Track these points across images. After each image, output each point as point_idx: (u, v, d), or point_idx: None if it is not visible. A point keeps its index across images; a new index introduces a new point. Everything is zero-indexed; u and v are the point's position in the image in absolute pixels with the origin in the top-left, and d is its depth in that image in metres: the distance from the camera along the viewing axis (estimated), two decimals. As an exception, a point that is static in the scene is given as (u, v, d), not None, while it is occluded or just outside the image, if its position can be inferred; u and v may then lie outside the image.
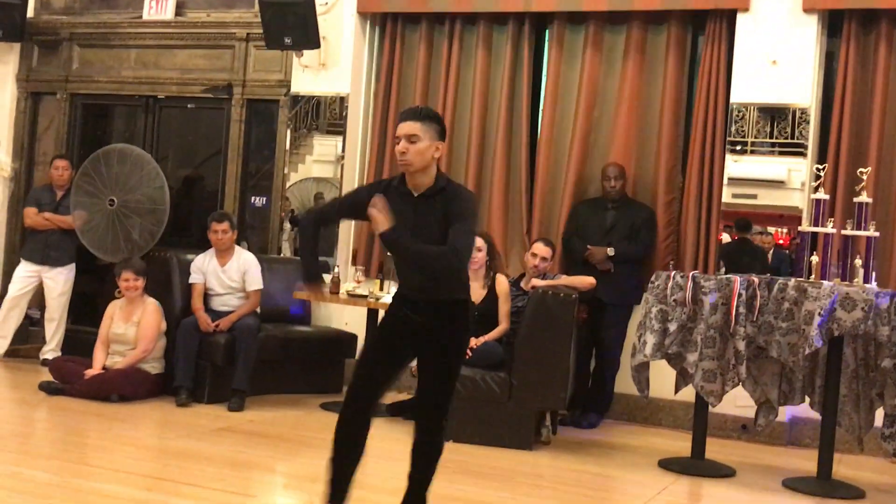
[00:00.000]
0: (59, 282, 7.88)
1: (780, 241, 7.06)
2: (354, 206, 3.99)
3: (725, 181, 6.88)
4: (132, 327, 6.81)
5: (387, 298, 6.73)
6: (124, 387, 6.62)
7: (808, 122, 6.73)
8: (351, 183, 7.79)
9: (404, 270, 4.00)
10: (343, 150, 7.86)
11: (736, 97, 6.85)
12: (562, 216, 7.21)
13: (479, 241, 6.35)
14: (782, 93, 6.75)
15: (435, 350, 3.94)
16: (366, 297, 6.81)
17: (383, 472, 4.99)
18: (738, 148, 6.87)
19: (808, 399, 5.82)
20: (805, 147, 6.74)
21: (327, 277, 7.29)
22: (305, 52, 7.76)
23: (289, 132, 8.02)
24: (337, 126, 7.94)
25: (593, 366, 6.99)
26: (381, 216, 3.73)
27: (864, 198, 5.71)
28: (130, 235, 7.77)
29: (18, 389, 7.12)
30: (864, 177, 5.78)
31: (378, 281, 7.09)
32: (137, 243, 7.72)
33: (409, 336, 3.95)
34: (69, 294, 7.96)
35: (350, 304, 6.91)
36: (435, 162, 3.86)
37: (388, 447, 4.68)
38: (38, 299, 8.13)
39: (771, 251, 7.02)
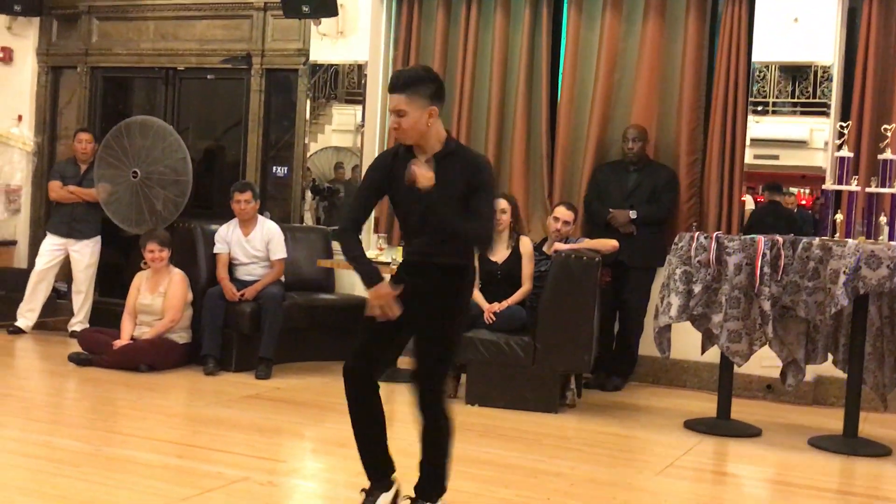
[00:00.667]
0: (85, 254, 7.96)
1: (803, 202, 7.02)
2: (377, 191, 3.90)
3: (748, 142, 6.84)
4: (159, 298, 6.87)
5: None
6: (152, 356, 6.69)
7: (830, 81, 6.67)
8: (371, 152, 7.79)
9: (412, 231, 3.88)
10: (363, 119, 7.86)
11: (757, 56, 6.80)
12: (583, 179, 7.19)
13: (503, 203, 6.36)
14: (804, 51, 6.69)
15: (431, 314, 3.80)
16: (388, 263, 6.83)
17: (409, 436, 5.03)
18: (760, 108, 6.82)
19: (831, 357, 5.81)
20: (828, 106, 6.69)
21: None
22: (323, 20, 7.74)
23: (308, 102, 8.02)
24: (356, 95, 7.94)
25: (617, 329, 7.00)
26: (427, 171, 3.61)
27: (888, 155, 5.67)
28: (154, 207, 7.82)
29: (48, 361, 7.21)
30: (889, 134, 5.74)
31: (400, 248, 7.11)
32: (161, 214, 7.78)
33: (406, 306, 3.78)
34: (96, 266, 8.04)
35: (373, 271, 6.92)
36: (433, 127, 3.72)
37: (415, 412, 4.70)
38: (64, 272, 8.21)
39: (795, 211, 6.98)
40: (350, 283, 7.76)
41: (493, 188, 3.83)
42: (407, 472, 3.96)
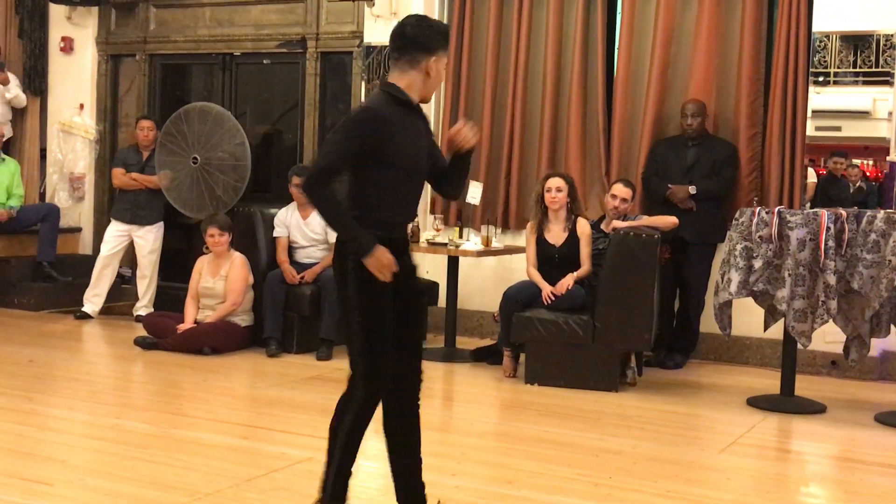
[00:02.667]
0: (148, 240, 8.09)
1: (868, 174, 6.88)
2: (361, 150, 3.38)
3: (809, 114, 6.72)
4: (220, 281, 6.97)
5: (467, 245, 6.77)
6: (216, 339, 6.79)
7: (893, 49, 6.51)
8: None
9: (410, 201, 3.50)
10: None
11: (818, 26, 6.66)
12: (641, 156, 7.13)
13: (559, 182, 6.34)
14: (866, 19, 6.54)
15: (414, 291, 3.53)
16: (445, 245, 6.86)
17: (470, 415, 5.06)
18: (821, 79, 6.69)
19: (894, 329, 5.69)
20: (891, 75, 6.54)
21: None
22: (377, 1, 7.74)
23: (363, 83, 8.05)
24: (409, 75, 7.92)
25: (677, 306, 6.94)
26: (473, 129, 3.47)
27: (955, 124, 5.54)
28: (215, 192, 7.92)
29: (114, 345, 7.35)
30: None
31: (457, 228, 7.12)
32: (222, 199, 7.87)
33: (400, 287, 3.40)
34: (159, 251, 8.17)
35: (430, 252, 6.95)
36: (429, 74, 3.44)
37: (475, 392, 4.73)
38: (129, 258, 8.36)
39: (858, 184, 6.85)
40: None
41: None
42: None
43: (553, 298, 6.17)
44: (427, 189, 7.85)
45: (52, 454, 4.44)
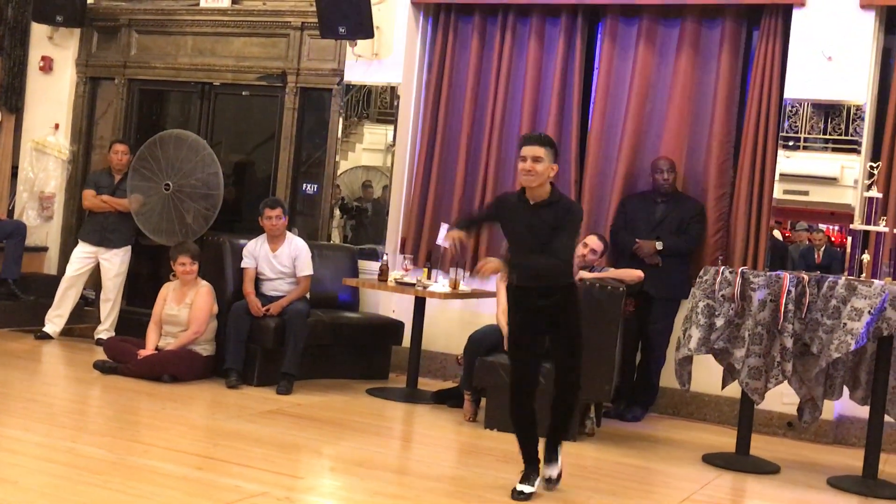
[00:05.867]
0: (115, 263, 8.06)
1: (833, 239, 7.00)
2: (491, 216, 5.30)
3: (777, 177, 6.84)
4: (185, 309, 6.94)
5: (435, 287, 6.81)
6: (176, 367, 6.76)
7: (862, 119, 6.66)
8: (401, 171, 7.94)
9: (518, 259, 4.87)
10: (394, 139, 7.93)
11: (790, 93, 6.80)
12: (611, 209, 7.22)
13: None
14: (837, 89, 6.69)
15: (559, 323, 4.82)
16: (413, 285, 6.88)
17: (428, 458, 5.06)
18: (791, 144, 6.83)
19: (848, 392, 5.76)
20: (859, 144, 6.68)
21: (375, 265, 7.39)
22: (359, 41, 7.83)
23: (341, 120, 8.11)
24: (387, 115, 8.01)
25: (639, 359, 6.99)
26: (492, 265, 4.95)
27: (917, 197, 5.66)
28: (185, 219, 7.91)
29: (74, 367, 7.29)
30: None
31: (426, 269, 7.15)
32: (191, 227, 7.87)
33: (539, 318, 4.81)
34: (125, 275, 8.14)
35: (398, 291, 6.99)
36: (549, 179, 4.73)
37: (434, 434, 4.74)
38: (93, 280, 8.31)
39: (823, 248, 6.97)
40: (374, 301, 7.82)
41: (573, 227, 4.80)
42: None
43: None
44: (398, 227, 7.91)
45: (4, 475, 4.38)
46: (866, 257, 5.64)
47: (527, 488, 4.71)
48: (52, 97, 9.14)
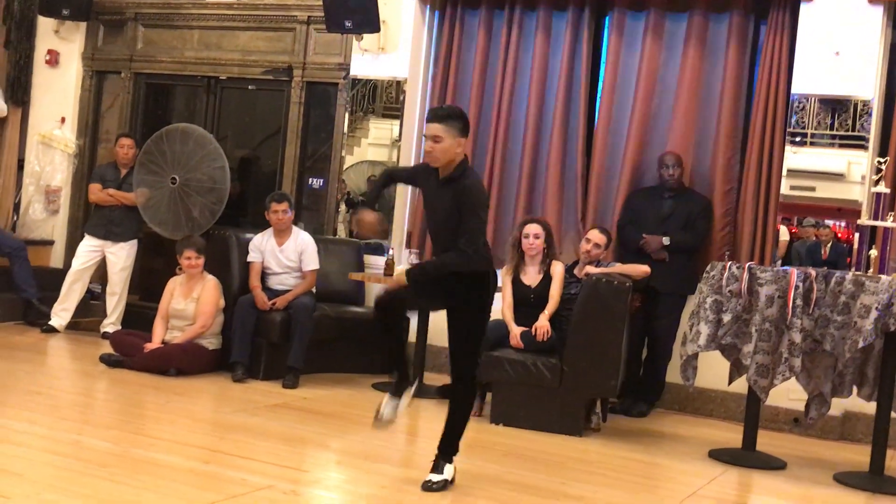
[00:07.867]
0: (121, 257, 8.06)
1: (839, 235, 6.98)
2: (412, 177, 4.95)
3: (784, 172, 6.82)
4: (191, 303, 6.94)
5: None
6: (182, 361, 6.76)
7: (870, 115, 6.64)
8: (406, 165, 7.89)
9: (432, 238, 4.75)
10: (399, 134, 7.92)
11: (797, 88, 6.78)
12: (617, 204, 7.20)
13: (536, 229, 6.38)
14: (845, 85, 6.67)
15: (454, 309, 4.53)
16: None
17: (433, 452, 5.04)
18: (798, 139, 6.81)
19: (855, 389, 5.75)
20: (866, 140, 6.66)
21: (381, 260, 7.39)
22: (365, 35, 7.82)
23: (346, 115, 8.10)
24: (393, 109, 8.00)
25: (645, 355, 6.98)
26: (398, 279, 4.62)
27: (925, 192, 5.64)
28: (191, 213, 7.91)
29: (80, 361, 7.30)
30: (927, 171, 5.71)
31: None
32: (198, 221, 7.87)
33: (440, 291, 4.51)
34: (131, 269, 8.14)
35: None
36: (458, 155, 4.42)
37: (439, 429, 4.73)
38: (99, 274, 8.32)
39: (829, 244, 6.95)
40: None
41: (473, 211, 4.38)
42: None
43: (522, 344, 6.18)
44: (403, 222, 7.90)
45: (9, 467, 4.39)
46: (874, 253, 5.61)
47: (435, 476, 4.56)
48: (58, 91, 9.14)
